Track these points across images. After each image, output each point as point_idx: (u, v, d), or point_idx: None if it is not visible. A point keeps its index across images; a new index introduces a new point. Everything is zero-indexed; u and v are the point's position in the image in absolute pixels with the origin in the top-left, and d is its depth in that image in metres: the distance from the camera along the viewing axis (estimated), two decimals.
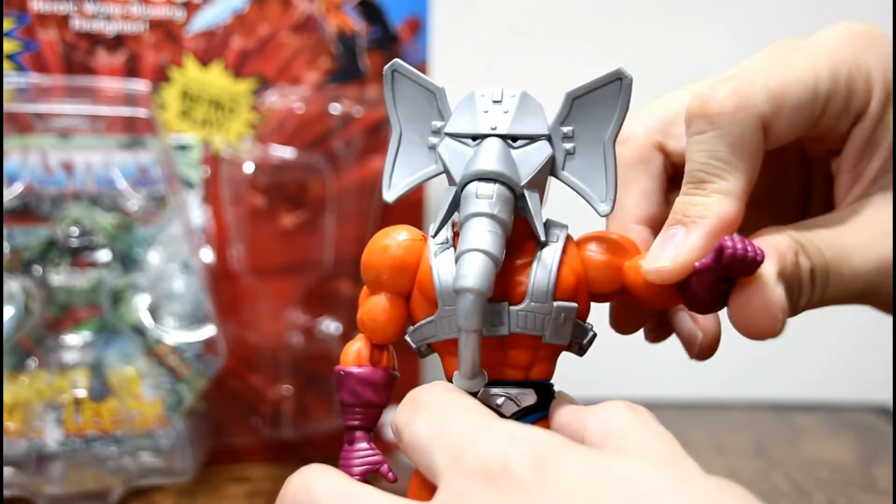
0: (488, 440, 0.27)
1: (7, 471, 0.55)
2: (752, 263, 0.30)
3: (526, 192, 0.31)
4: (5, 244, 0.55)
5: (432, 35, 0.62)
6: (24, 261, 0.55)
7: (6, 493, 0.54)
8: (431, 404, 0.30)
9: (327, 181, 0.61)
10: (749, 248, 0.30)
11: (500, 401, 0.32)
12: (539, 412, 0.33)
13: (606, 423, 0.29)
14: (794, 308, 0.33)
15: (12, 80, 0.56)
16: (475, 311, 0.29)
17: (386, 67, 0.34)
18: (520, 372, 0.33)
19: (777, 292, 0.31)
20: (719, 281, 0.31)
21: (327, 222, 0.61)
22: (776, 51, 0.35)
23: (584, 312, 0.33)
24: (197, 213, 0.59)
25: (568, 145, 0.33)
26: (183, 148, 0.59)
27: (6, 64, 0.56)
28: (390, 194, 0.34)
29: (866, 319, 0.79)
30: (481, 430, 0.28)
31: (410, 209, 0.61)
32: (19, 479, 0.55)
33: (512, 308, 0.31)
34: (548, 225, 0.33)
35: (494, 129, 0.32)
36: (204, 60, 0.59)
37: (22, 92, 0.56)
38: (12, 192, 0.55)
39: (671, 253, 0.32)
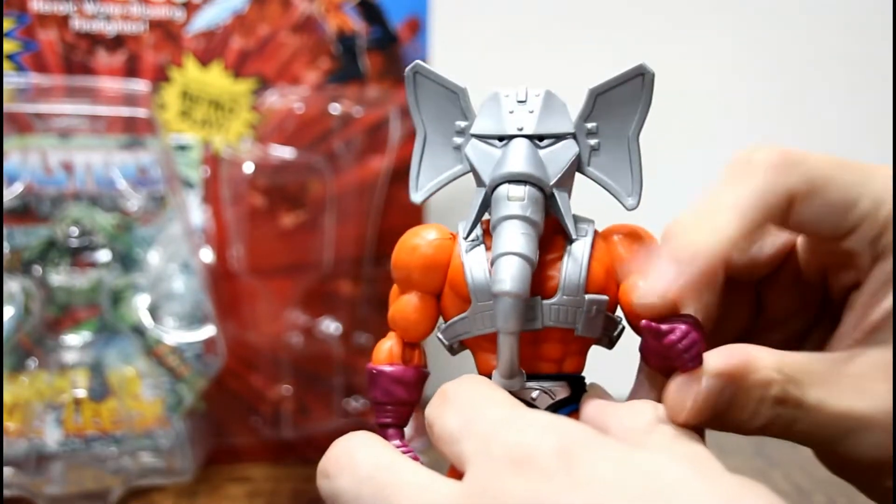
0: (516, 429, 0.28)
1: (7, 471, 0.55)
2: (683, 363, 0.30)
3: (555, 191, 0.32)
4: (5, 244, 0.55)
5: (432, 35, 0.62)
6: (24, 261, 0.55)
7: (6, 493, 0.54)
8: (461, 396, 0.30)
9: (327, 181, 0.61)
10: (689, 354, 0.30)
11: (534, 394, 0.33)
12: (572, 405, 0.33)
13: (629, 420, 0.30)
14: (746, 426, 0.32)
15: (12, 80, 0.56)
16: (514, 314, 0.29)
17: (408, 70, 0.34)
18: (553, 365, 0.33)
19: (706, 384, 0.30)
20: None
21: (327, 222, 0.61)
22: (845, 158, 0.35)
23: (613, 305, 0.33)
24: (197, 213, 0.59)
25: (592, 141, 0.33)
26: (183, 148, 0.59)
27: (6, 64, 0.56)
28: (417, 195, 0.35)
29: None
30: (509, 420, 0.28)
31: (411, 209, 0.61)
32: (19, 479, 0.55)
33: (545, 302, 0.32)
34: (575, 220, 0.33)
35: (521, 129, 0.32)
36: (204, 60, 0.59)
37: (22, 92, 0.56)
38: (12, 192, 0.55)
39: (661, 288, 0.31)
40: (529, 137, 0.32)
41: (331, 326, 0.63)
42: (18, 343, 0.55)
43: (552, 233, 0.33)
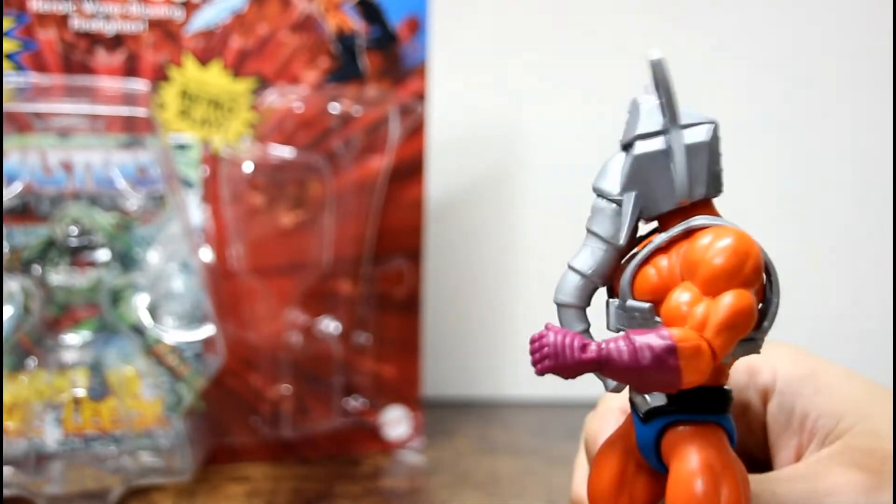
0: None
1: (6, 470, 0.55)
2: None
3: (623, 197, 0.32)
4: (5, 244, 0.55)
5: (432, 35, 0.62)
6: (23, 260, 0.55)
7: (6, 492, 0.54)
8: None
9: (326, 181, 0.61)
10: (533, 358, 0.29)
11: (638, 399, 0.32)
12: (672, 416, 0.31)
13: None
14: None
15: (11, 79, 0.56)
16: (561, 320, 0.32)
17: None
18: None
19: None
20: None
21: (327, 222, 0.61)
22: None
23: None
24: (196, 212, 0.59)
25: (679, 132, 0.31)
26: (182, 147, 0.59)
27: (5, 63, 0.56)
28: None
29: (867, 319, 0.79)
30: None
31: (410, 210, 0.61)
32: (19, 479, 0.55)
33: (613, 304, 0.33)
34: (688, 219, 0.31)
35: (621, 141, 0.33)
36: (203, 60, 0.59)
37: (21, 91, 0.56)
38: (11, 192, 0.55)
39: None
40: (625, 147, 0.32)
41: (330, 326, 0.63)
42: (18, 343, 0.55)
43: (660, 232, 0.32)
